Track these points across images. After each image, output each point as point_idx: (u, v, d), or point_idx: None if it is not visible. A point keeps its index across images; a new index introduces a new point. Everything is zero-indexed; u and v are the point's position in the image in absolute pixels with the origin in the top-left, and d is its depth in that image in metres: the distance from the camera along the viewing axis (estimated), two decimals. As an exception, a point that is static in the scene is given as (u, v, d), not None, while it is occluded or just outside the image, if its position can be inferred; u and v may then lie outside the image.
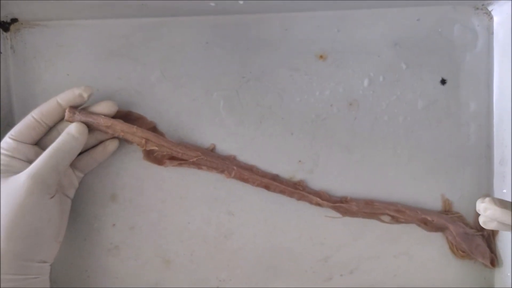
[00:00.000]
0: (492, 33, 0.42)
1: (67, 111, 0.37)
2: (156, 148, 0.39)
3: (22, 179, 0.33)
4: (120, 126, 0.38)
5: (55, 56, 0.41)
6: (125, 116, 0.40)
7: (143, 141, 0.38)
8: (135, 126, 0.38)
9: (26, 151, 0.36)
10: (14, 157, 0.35)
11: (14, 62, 0.41)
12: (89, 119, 0.37)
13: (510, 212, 0.32)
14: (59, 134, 0.37)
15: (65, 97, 0.37)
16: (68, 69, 0.41)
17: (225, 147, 0.42)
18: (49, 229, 0.35)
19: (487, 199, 0.33)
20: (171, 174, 0.41)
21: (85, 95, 0.37)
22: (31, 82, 0.41)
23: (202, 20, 0.41)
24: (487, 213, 0.33)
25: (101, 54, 0.41)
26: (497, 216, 0.32)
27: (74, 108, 0.37)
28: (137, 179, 0.41)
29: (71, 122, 0.37)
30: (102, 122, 0.37)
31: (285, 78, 0.42)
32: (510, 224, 0.32)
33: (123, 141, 0.40)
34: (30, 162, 0.35)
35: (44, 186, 0.34)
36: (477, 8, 0.42)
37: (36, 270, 0.35)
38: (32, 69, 0.41)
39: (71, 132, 0.36)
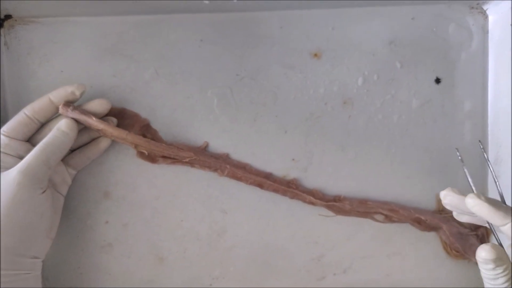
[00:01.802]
0: (487, 32, 0.41)
1: (61, 106, 0.37)
2: (146, 152, 0.39)
3: (13, 174, 0.34)
4: (110, 131, 0.38)
5: (49, 53, 0.41)
6: (119, 113, 0.40)
7: (133, 145, 0.39)
8: (126, 132, 0.38)
9: (17, 147, 0.36)
10: (5, 153, 0.36)
11: (8, 58, 0.41)
12: (81, 118, 0.37)
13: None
14: (50, 131, 0.37)
15: (58, 95, 0.37)
16: (62, 66, 0.41)
17: (219, 144, 0.41)
18: (42, 224, 0.35)
19: (448, 187, 0.34)
20: (164, 172, 0.41)
21: (77, 93, 0.37)
22: (25, 78, 0.41)
23: (196, 17, 0.41)
24: (446, 200, 0.34)
25: (95, 51, 0.41)
26: (455, 203, 0.33)
27: (69, 104, 0.37)
28: (130, 176, 0.41)
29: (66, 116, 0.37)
30: (93, 124, 0.37)
31: (280, 76, 0.42)
32: (466, 210, 0.33)
33: (116, 138, 0.40)
34: (21, 158, 0.35)
35: (34, 181, 0.34)
36: (472, 7, 0.41)
37: (28, 266, 0.35)
38: (26, 66, 0.41)
39: (61, 127, 0.36)
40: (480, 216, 0.32)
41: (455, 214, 0.36)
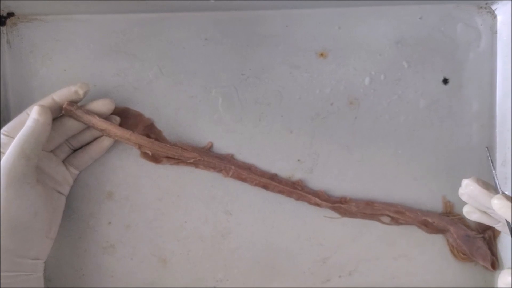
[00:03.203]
0: (496, 32, 0.41)
1: (64, 106, 0.36)
2: (150, 153, 0.39)
3: None
4: (114, 131, 0.37)
5: (52, 51, 0.41)
6: (122, 112, 0.40)
7: (137, 146, 0.38)
8: (130, 132, 0.38)
9: None
10: (4, 153, 0.35)
11: (10, 56, 0.41)
12: (85, 118, 0.37)
13: (490, 194, 0.32)
14: (54, 132, 0.37)
15: (61, 94, 0.37)
16: (65, 64, 0.41)
17: (223, 144, 0.41)
18: (37, 223, 0.35)
19: (472, 176, 0.33)
20: (168, 172, 0.41)
21: (81, 92, 0.37)
22: (28, 77, 0.41)
23: (201, 16, 0.41)
24: (467, 189, 0.33)
25: (98, 49, 0.41)
26: (476, 194, 0.32)
27: (72, 103, 0.37)
28: (134, 176, 0.41)
29: (69, 116, 0.37)
30: (97, 124, 0.37)
31: (285, 76, 0.41)
32: (487, 206, 0.32)
33: (119, 138, 0.40)
34: None
35: (17, 176, 0.33)
36: (481, 7, 0.41)
37: (29, 267, 0.34)
38: (28, 64, 0.41)
39: (32, 115, 0.35)
40: (505, 218, 0.31)
41: (465, 211, 0.36)
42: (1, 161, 0.33)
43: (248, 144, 0.41)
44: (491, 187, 0.33)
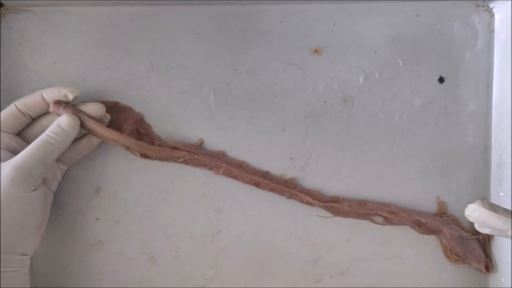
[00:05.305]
0: (493, 31, 0.40)
1: (52, 104, 0.36)
2: (138, 154, 0.38)
3: (6, 169, 0.32)
4: (101, 132, 0.37)
5: (42, 43, 0.40)
6: (112, 107, 0.39)
7: (125, 147, 0.38)
8: (118, 133, 0.37)
9: (8, 140, 0.35)
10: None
11: (-2, 48, 0.40)
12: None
13: (499, 216, 0.31)
14: (41, 127, 0.36)
15: (51, 93, 0.36)
16: (54, 56, 0.40)
17: (215, 141, 0.40)
18: (32, 221, 0.34)
19: (477, 200, 0.32)
20: (157, 168, 0.40)
21: (71, 97, 0.36)
22: (16, 69, 0.40)
23: (194, 10, 0.40)
24: (474, 215, 0.32)
25: (89, 42, 0.40)
26: (484, 218, 0.31)
27: (60, 102, 0.36)
28: (123, 172, 0.40)
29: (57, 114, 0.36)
30: (85, 124, 0.36)
31: (279, 72, 0.40)
32: (498, 228, 0.31)
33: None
34: (12, 151, 0.34)
35: (28, 179, 0.33)
36: (478, 5, 0.40)
37: (16, 263, 0.34)
38: (17, 56, 0.40)
39: (62, 125, 0.35)
40: None
41: (476, 226, 0.35)
42: (19, 160, 0.33)
43: (240, 141, 0.40)
44: (498, 208, 0.32)
